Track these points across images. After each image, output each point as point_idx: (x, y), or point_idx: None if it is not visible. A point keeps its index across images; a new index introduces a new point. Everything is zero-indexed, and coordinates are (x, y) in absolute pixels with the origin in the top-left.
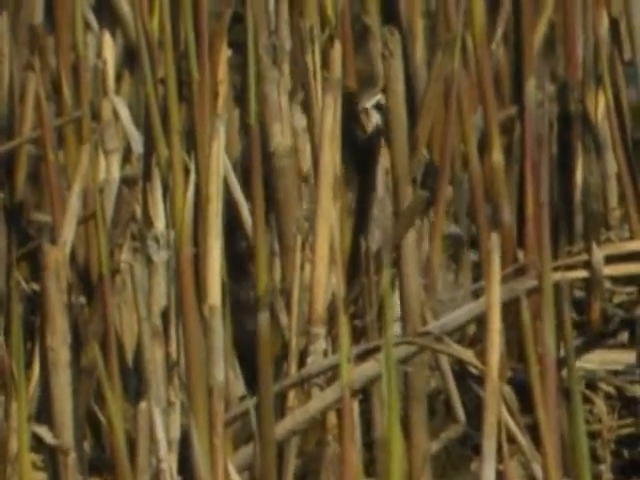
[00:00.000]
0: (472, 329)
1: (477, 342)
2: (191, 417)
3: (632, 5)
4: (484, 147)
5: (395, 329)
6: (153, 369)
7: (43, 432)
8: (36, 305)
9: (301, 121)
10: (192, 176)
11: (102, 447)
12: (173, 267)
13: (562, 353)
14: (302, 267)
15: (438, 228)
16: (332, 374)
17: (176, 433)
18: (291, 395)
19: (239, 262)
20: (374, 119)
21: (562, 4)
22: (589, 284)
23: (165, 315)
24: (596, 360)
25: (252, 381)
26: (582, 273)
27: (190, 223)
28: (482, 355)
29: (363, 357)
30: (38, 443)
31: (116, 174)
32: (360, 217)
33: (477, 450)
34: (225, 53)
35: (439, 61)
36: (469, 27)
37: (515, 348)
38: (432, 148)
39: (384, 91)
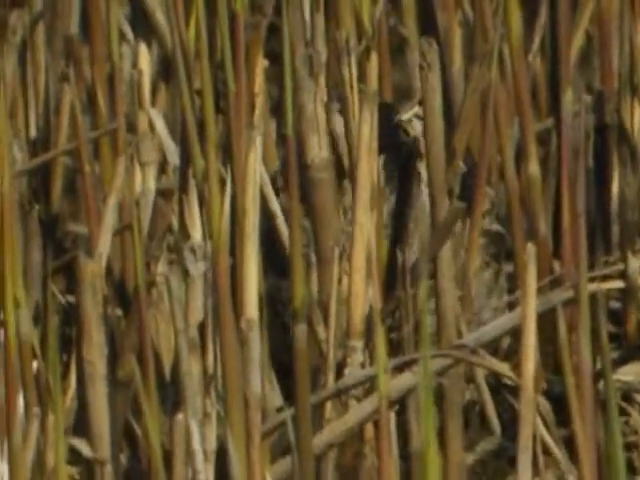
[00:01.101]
0: (507, 341)
1: (512, 354)
2: (228, 428)
3: None
4: (520, 158)
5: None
6: (190, 381)
7: (80, 445)
8: (72, 317)
9: (339, 129)
10: (228, 187)
11: (138, 459)
12: (210, 279)
13: (598, 365)
14: (339, 279)
15: (475, 240)
16: (369, 386)
17: (213, 445)
18: (328, 407)
19: (277, 274)
20: (412, 131)
21: (598, 15)
22: (625, 294)
23: (202, 327)
24: (632, 372)
25: (289, 393)
26: (618, 283)
27: (227, 235)
28: (517, 367)
29: (400, 369)
30: (75, 456)
31: (152, 186)
32: (397, 229)
33: (513, 463)
34: (262, 64)
35: (476, 73)
36: (506, 38)
37: (551, 360)
38: (469, 160)
39: (421, 103)
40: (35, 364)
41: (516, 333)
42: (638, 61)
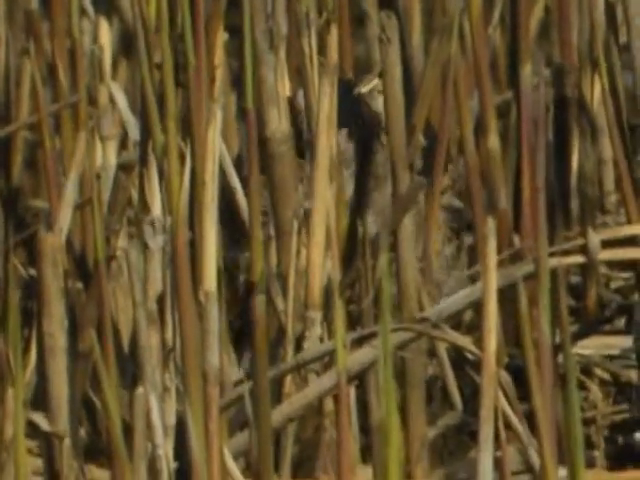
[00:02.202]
0: (469, 315)
1: (474, 328)
2: (187, 403)
3: None
4: (480, 132)
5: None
6: (149, 355)
7: (38, 418)
8: (33, 291)
9: (300, 102)
10: (188, 162)
11: (98, 433)
12: (169, 253)
13: (558, 339)
14: (298, 251)
15: (435, 213)
16: (328, 360)
17: (172, 419)
18: (287, 380)
19: (236, 247)
20: (373, 104)
21: None
22: (585, 269)
23: (161, 300)
24: (592, 346)
25: (248, 366)
26: (578, 258)
27: (186, 209)
28: (479, 341)
29: (359, 343)
30: (33, 429)
31: (113, 160)
32: (358, 202)
33: (474, 436)
34: (222, 37)
35: (436, 46)
36: (466, 12)
37: (512, 334)
38: (429, 134)
39: (381, 76)
40: None
41: (477, 307)
42: (597, 35)
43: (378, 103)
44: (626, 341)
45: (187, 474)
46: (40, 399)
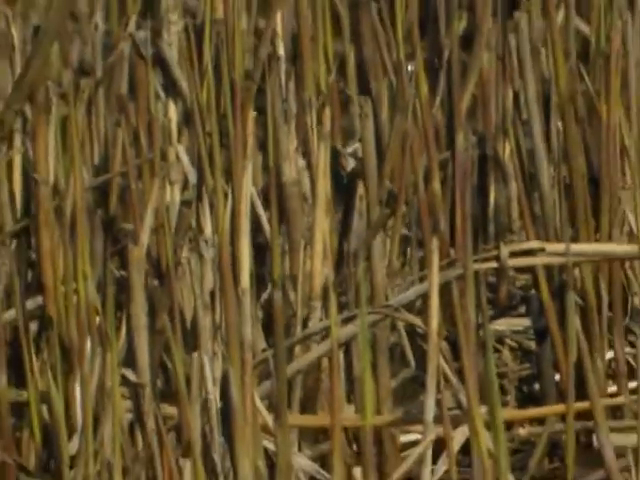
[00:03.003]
0: (419, 303)
1: (423, 311)
2: (229, 363)
3: (528, 82)
4: (428, 179)
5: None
6: (204, 331)
7: (128, 373)
8: (123, 287)
9: (302, 162)
10: (229, 199)
11: (169, 383)
12: (217, 261)
13: (480, 319)
14: (304, 261)
15: (397, 234)
16: (325, 334)
17: (218, 374)
18: (297, 348)
19: (262, 257)
20: (352, 162)
21: (481, 82)
22: (498, 272)
23: (212, 294)
24: (503, 324)
25: (270, 339)
26: (493, 264)
27: (228, 231)
28: (426, 320)
29: (346, 322)
30: (125, 381)
31: (177, 198)
32: (344, 227)
33: (423, 385)
34: (252, 115)
35: (398, 121)
36: (418, 97)
37: (448, 316)
38: (393, 180)
39: (360, 141)
40: (97, 319)
41: (425, 297)
42: (508, 114)
43: (351, 163)
44: (526, 321)
45: (228, 411)
46: (129, 361)
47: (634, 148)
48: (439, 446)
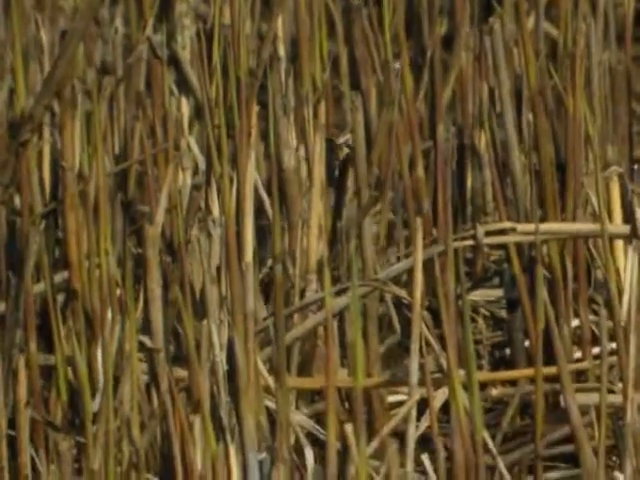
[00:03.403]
0: (405, 276)
1: (408, 284)
2: (234, 330)
3: (502, 79)
4: (412, 166)
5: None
6: (211, 301)
7: (145, 339)
8: (140, 262)
9: (302, 148)
10: (235, 183)
11: (180, 349)
12: (223, 238)
13: (459, 291)
14: (301, 239)
15: (384, 215)
16: (320, 304)
17: (224, 340)
18: (295, 317)
19: (264, 235)
20: (345, 150)
21: (460, 78)
22: (475, 249)
23: (219, 269)
24: (479, 295)
25: (271, 308)
26: (471, 242)
27: (234, 212)
28: (411, 292)
29: (339, 294)
30: (142, 346)
31: (189, 182)
32: (337, 209)
33: (407, 351)
34: (255, 108)
35: (385, 113)
36: (403, 92)
37: (431, 287)
38: (381, 167)
39: (351, 132)
40: (118, 291)
41: (410, 272)
42: (483, 107)
43: (344, 152)
44: (499, 292)
45: (234, 374)
46: (146, 328)
47: (596, 137)
48: (422, 405)
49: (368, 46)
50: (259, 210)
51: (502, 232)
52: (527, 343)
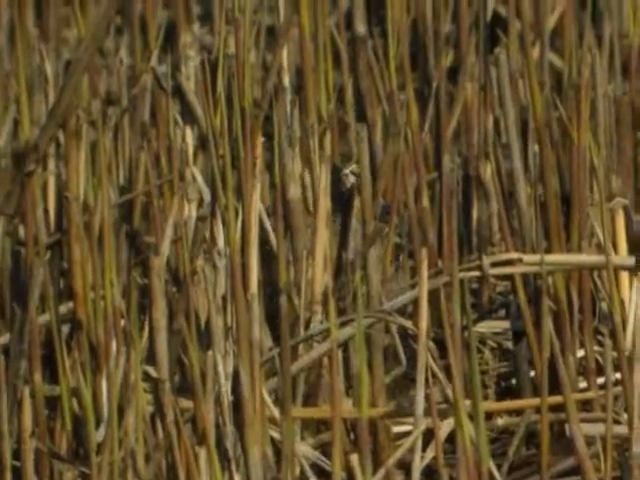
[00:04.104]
0: (410, 307)
1: (413, 315)
2: (239, 360)
3: (507, 110)
4: (418, 197)
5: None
6: (216, 331)
7: (150, 370)
8: (146, 292)
9: (307, 178)
10: (240, 215)
11: (185, 379)
12: (228, 269)
13: (464, 322)
14: (307, 269)
15: (390, 246)
16: (325, 335)
17: (230, 369)
18: (300, 347)
19: (269, 267)
20: (350, 180)
21: (465, 109)
22: (481, 280)
23: (224, 299)
24: (485, 326)
25: (277, 339)
26: (476, 273)
27: (239, 243)
28: (416, 323)
29: (344, 324)
30: (147, 376)
31: (194, 214)
32: (342, 239)
33: (413, 381)
34: (260, 139)
35: (391, 145)
36: (408, 123)
37: (436, 318)
38: (386, 197)
39: (357, 162)
40: (122, 321)
41: (415, 302)
42: (489, 138)
43: (352, 180)
44: (505, 324)
45: (239, 404)
46: (151, 358)
47: (601, 169)
48: (428, 436)
49: (373, 77)
50: (264, 241)
51: (508, 263)
52: (532, 373)
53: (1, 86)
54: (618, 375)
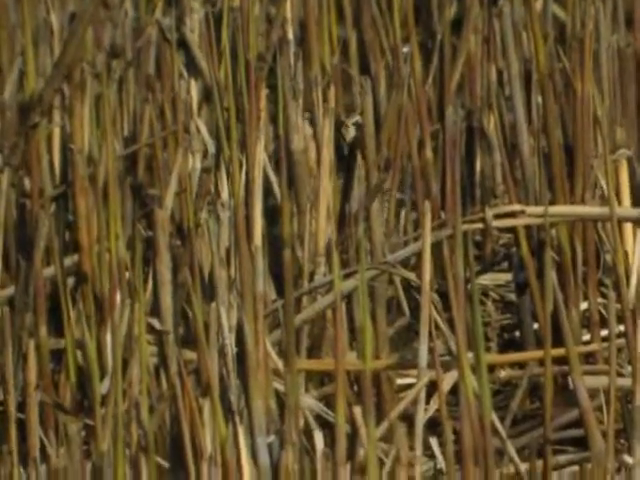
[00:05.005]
0: (413, 259)
1: (417, 267)
2: (243, 312)
3: (510, 62)
4: (421, 148)
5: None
6: (220, 284)
7: (154, 322)
8: (150, 245)
9: (309, 132)
10: (244, 166)
11: (189, 331)
12: (232, 222)
13: (467, 274)
14: (310, 221)
15: (393, 198)
16: (329, 287)
17: (234, 322)
18: (304, 299)
19: (273, 219)
20: (352, 132)
21: (468, 61)
22: (484, 232)
23: (228, 251)
24: (488, 279)
25: (280, 291)
26: (480, 225)
27: (242, 195)
28: (419, 275)
29: (348, 277)
30: (151, 328)
31: (198, 165)
32: (345, 192)
33: (417, 333)
34: (264, 91)
35: (394, 96)
36: (412, 75)
37: (439, 270)
38: (390, 149)
39: (361, 114)
40: (127, 274)
41: (418, 255)
42: (492, 90)
43: (351, 134)
44: (508, 276)
45: (243, 356)
46: (155, 311)
47: (605, 120)
48: (431, 388)
49: (377, 30)
50: (268, 193)
51: (511, 215)
52: (536, 326)
53: (7, 38)
54: (622, 327)
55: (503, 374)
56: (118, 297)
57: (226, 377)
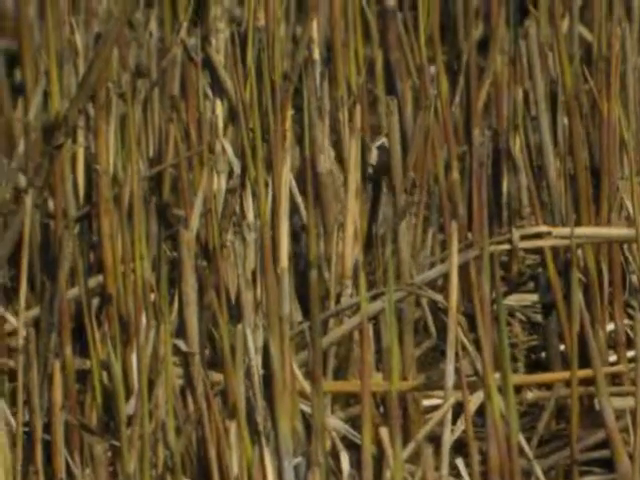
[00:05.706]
0: (440, 281)
1: (444, 289)
2: (269, 334)
3: (537, 82)
4: (448, 170)
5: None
6: (246, 305)
7: (180, 343)
8: (175, 266)
9: (334, 154)
10: (270, 187)
11: (215, 353)
12: (259, 243)
13: (494, 295)
14: (337, 243)
15: (420, 220)
16: (355, 309)
17: (260, 343)
18: (331, 321)
19: (299, 240)
20: (379, 154)
21: (495, 82)
22: (510, 253)
23: (254, 273)
24: (514, 299)
25: (307, 313)
26: (506, 246)
27: (269, 216)
28: (446, 296)
29: (374, 298)
30: (177, 350)
31: (223, 186)
32: (372, 213)
33: (443, 354)
34: (290, 112)
35: (421, 117)
36: (439, 96)
37: (466, 292)
38: (416, 171)
39: (387, 136)
40: (152, 295)
41: (445, 276)
42: (518, 111)
43: (375, 155)
44: (535, 297)
45: (269, 378)
46: (181, 332)
47: (631, 142)
48: (457, 409)
49: (403, 50)
50: (294, 214)
51: (538, 236)
52: (562, 347)
53: (31, 59)
54: None
55: (530, 395)
56: (143, 318)
57: (252, 399)
